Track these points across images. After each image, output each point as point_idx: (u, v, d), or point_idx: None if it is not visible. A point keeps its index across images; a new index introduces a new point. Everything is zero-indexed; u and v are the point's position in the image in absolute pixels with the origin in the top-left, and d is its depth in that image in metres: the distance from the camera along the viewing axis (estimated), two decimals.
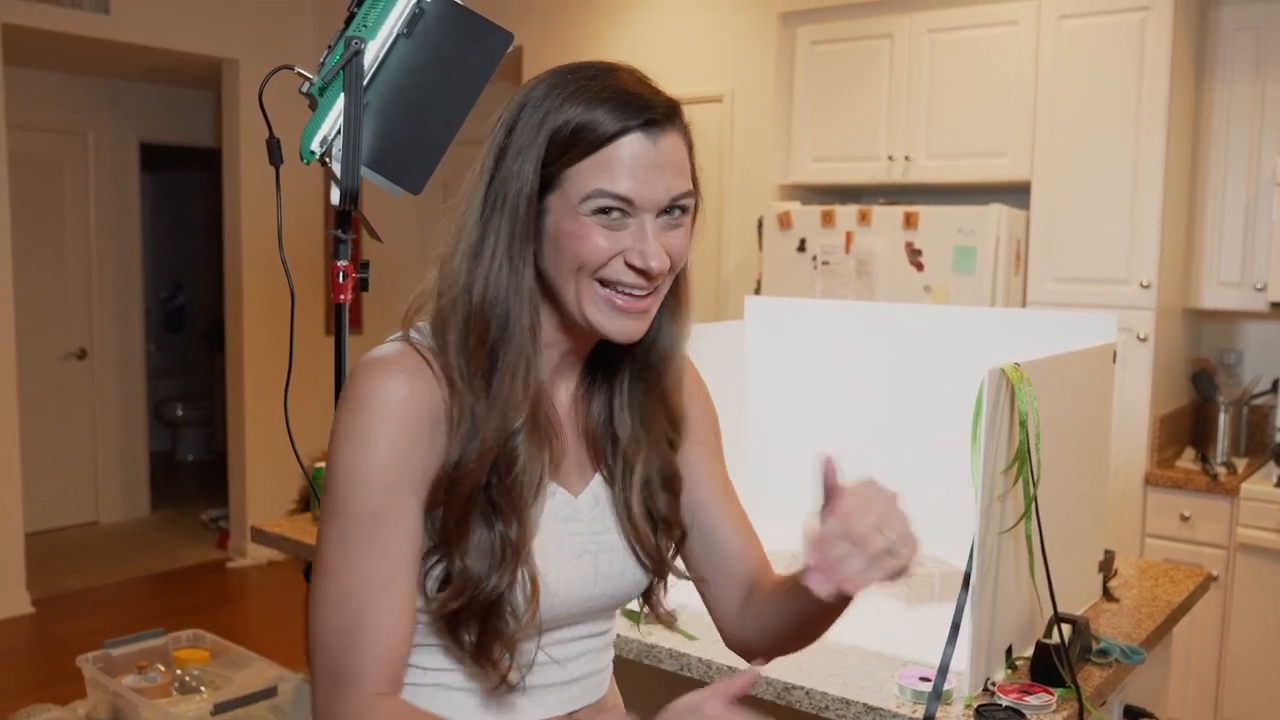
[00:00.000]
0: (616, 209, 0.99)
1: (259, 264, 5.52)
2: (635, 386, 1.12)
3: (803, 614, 1.09)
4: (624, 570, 1.13)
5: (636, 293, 1.02)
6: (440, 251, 1.06)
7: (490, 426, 1.00)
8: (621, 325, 1.03)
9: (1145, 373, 3.34)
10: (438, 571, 1.02)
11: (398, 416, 0.98)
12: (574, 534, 1.09)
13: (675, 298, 1.10)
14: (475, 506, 1.01)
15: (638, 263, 1.00)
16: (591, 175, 0.98)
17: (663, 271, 1.02)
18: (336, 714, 0.97)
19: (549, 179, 1.00)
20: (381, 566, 0.98)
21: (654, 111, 1.00)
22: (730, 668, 1.71)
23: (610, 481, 1.13)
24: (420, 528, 1.01)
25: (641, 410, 1.12)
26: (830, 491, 0.96)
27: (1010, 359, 1.65)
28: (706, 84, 4.33)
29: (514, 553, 1.01)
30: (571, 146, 0.99)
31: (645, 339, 1.08)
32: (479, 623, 1.02)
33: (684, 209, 1.04)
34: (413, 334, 1.06)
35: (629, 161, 0.98)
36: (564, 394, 1.13)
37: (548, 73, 1.05)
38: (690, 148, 1.05)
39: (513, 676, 1.05)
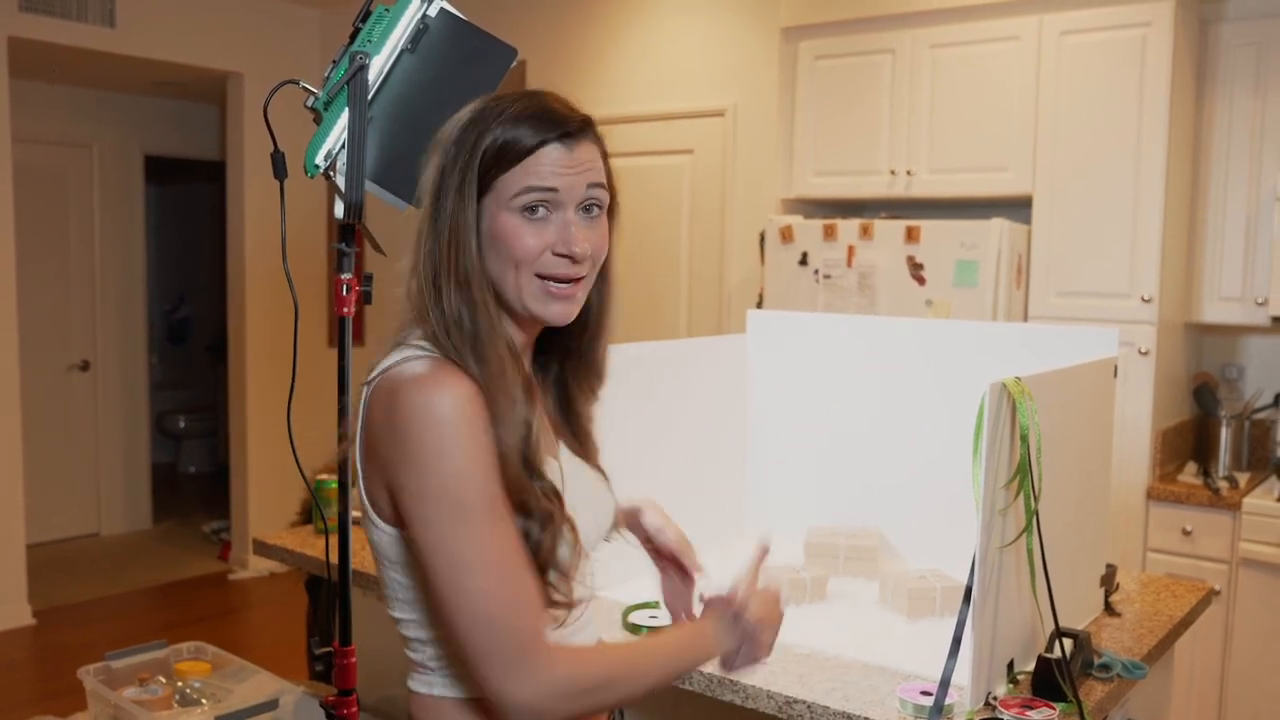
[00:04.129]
0: (542, 204, 1.12)
1: (262, 276, 5.53)
2: (579, 369, 1.28)
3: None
4: (605, 493, 1.32)
5: (565, 286, 1.15)
6: (407, 265, 1.15)
7: (515, 410, 1.12)
8: (555, 309, 1.16)
9: (1147, 387, 3.34)
10: None
11: (468, 418, 1.07)
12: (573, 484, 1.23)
13: (602, 287, 1.24)
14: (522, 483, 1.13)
15: (563, 249, 1.13)
16: (519, 178, 1.11)
17: (585, 257, 1.15)
18: (539, 676, 1.06)
19: (484, 189, 1.12)
20: (512, 542, 1.09)
21: (570, 125, 1.13)
22: (731, 681, 1.70)
23: (571, 437, 1.30)
24: None
25: (584, 386, 1.29)
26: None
27: (1012, 373, 1.65)
28: (709, 98, 4.35)
29: (559, 505, 1.15)
30: (500, 158, 1.11)
31: (587, 331, 1.24)
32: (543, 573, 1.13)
33: (600, 204, 1.17)
34: (419, 348, 1.13)
35: (550, 165, 1.12)
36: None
37: (478, 101, 1.16)
38: (605, 156, 1.19)
39: (575, 612, 1.19)
